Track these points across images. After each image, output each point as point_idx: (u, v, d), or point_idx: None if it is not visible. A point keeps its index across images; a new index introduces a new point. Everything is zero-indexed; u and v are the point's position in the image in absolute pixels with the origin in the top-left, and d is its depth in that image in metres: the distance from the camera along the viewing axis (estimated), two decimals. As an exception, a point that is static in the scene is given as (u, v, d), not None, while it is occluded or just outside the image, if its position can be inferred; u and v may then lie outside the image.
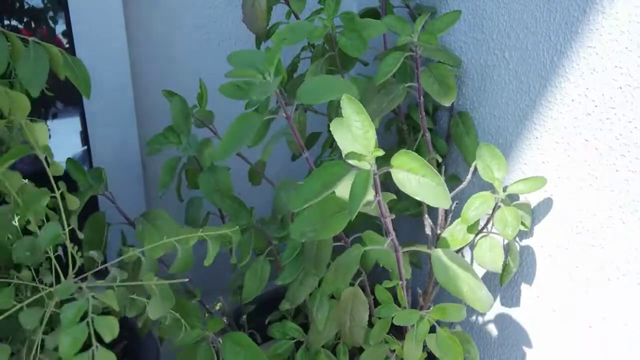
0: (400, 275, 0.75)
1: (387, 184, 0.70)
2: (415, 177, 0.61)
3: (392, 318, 0.78)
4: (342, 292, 0.84)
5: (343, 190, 0.65)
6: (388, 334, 0.82)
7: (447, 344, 0.74)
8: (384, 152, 0.62)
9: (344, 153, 0.64)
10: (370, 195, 0.67)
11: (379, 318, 0.80)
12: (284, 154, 1.06)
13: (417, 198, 0.61)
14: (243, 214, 0.91)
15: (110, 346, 1.02)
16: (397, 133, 1.07)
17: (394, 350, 0.84)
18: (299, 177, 0.89)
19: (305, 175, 0.91)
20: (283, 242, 0.91)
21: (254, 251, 0.93)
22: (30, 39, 0.69)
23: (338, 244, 0.83)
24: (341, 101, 0.63)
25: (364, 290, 0.87)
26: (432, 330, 0.77)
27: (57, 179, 0.67)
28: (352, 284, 0.86)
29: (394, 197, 0.75)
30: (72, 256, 0.66)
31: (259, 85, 0.71)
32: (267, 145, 0.92)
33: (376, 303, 0.84)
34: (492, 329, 1.02)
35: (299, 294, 0.88)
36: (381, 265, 0.82)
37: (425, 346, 0.81)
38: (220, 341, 0.80)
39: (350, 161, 0.62)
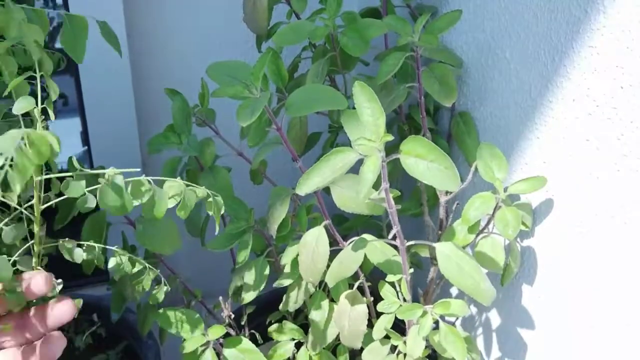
0: (405, 268, 0.75)
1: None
2: (424, 163, 0.61)
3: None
4: (341, 295, 0.84)
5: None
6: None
7: (451, 338, 0.74)
8: (393, 137, 0.63)
9: (353, 140, 0.65)
10: (371, 192, 0.67)
11: (382, 313, 0.80)
12: (286, 152, 1.06)
13: (425, 182, 0.62)
14: (243, 214, 0.91)
15: (111, 346, 1.02)
16: (398, 133, 1.07)
17: (396, 347, 0.84)
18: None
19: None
20: (283, 243, 0.91)
21: (254, 252, 0.92)
22: (62, 12, 0.75)
23: (335, 248, 0.83)
24: (353, 88, 0.64)
25: (362, 293, 0.87)
26: (436, 328, 0.77)
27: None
28: (350, 287, 0.85)
29: (399, 193, 0.76)
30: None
31: (245, 104, 0.70)
32: (257, 155, 0.89)
33: (375, 306, 0.84)
34: (493, 330, 1.01)
35: (296, 298, 0.88)
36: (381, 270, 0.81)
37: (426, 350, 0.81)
38: (222, 345, 0.80)
39: (359, 147, 0.63)
